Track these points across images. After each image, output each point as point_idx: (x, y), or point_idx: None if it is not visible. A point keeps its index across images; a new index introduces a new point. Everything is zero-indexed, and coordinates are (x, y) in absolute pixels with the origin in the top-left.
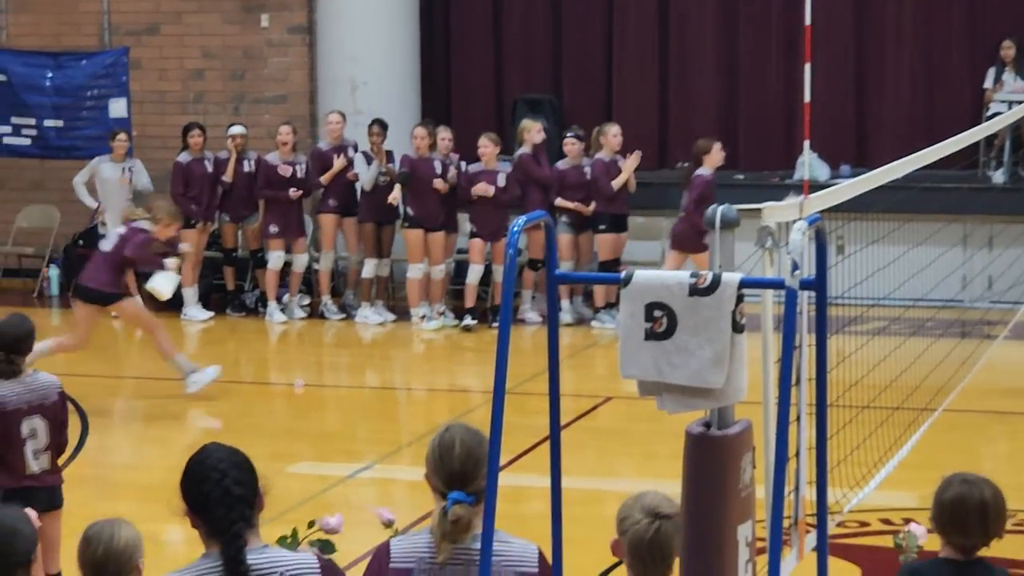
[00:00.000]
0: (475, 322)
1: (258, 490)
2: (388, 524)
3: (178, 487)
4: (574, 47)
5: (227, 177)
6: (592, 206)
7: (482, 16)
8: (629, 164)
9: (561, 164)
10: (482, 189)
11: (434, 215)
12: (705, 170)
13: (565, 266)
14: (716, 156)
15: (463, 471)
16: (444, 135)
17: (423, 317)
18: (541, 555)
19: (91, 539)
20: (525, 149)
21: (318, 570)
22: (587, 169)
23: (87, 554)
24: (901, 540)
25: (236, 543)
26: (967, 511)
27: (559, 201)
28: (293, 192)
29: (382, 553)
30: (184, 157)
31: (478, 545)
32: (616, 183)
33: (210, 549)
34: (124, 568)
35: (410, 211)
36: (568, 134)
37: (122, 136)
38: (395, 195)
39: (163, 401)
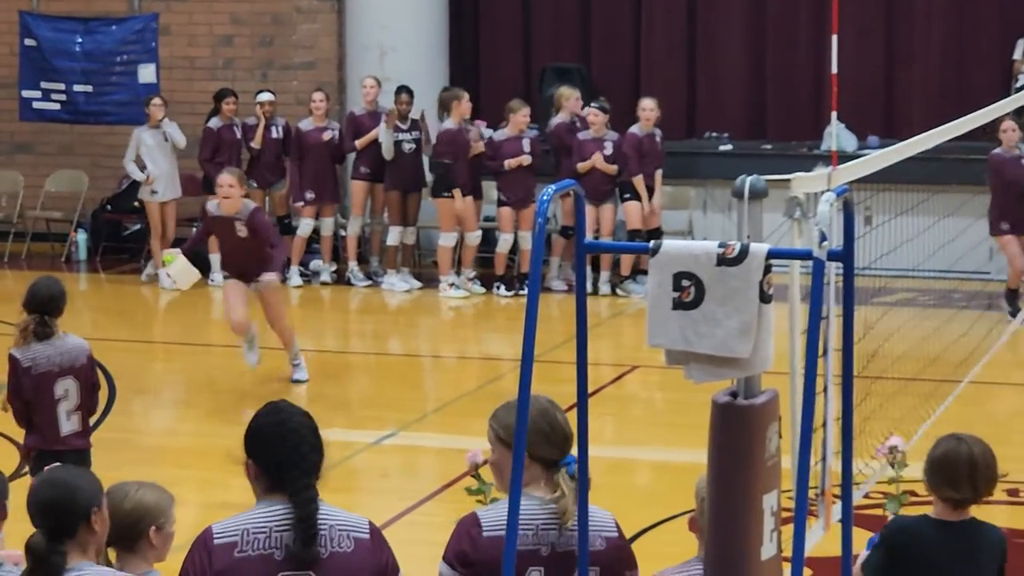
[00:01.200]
0: (511, 294)
1: (323, 452)
2: (480, 465)
3: (243, 439)
4: (603, 16)
5: (255, 143)
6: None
7: None
8: (650, 199)
9: (581, 135)
10: (515, 162)
11: (465, 183)
12: (1001, 150)
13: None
14: (1010, 136)
15: (570, 435)
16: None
17: (451, 285)
18: (615, 520)
19: None
20: (561, 117)
21: (367, 532)
22: (607, 143)
23: None
24: (887, 455)
25: (311, 507)
26: (957, 465)
27: (638, 181)
28: (325, 135)
29: (470, 523)
30: (215, 123)
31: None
32: (635, 180)
33: (270, 498)
34: (133, 531)
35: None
36: (593, 105)
37: (157, 101)
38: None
39: (190, 367)
